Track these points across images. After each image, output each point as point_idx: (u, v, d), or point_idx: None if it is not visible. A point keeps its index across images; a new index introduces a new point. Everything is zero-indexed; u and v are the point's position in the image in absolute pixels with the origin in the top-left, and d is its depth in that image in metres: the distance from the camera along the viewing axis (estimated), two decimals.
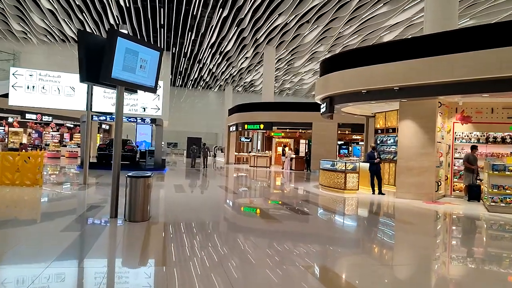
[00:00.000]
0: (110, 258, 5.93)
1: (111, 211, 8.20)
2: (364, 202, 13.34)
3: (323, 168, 16.52)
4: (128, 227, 7.58)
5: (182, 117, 56.91)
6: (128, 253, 6.01)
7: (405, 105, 13.85)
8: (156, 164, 22.48)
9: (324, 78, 16.09)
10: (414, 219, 10.38)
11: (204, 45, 36.08)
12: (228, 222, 9.08)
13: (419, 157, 13.49)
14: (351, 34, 31.52)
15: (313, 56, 37.84)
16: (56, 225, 7.62)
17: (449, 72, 11.74)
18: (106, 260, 5.81)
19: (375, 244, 7.57)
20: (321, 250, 6.76)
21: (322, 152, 26.14)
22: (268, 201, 12.62)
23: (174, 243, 6.55)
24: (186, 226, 7.94)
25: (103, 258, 5.87)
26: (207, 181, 18.97)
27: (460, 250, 7.55)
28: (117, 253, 6.11)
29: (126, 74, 8.02)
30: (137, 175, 7.98)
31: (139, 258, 5.76)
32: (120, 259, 5.85)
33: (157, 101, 23.04)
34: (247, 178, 21.56)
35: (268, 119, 28.41)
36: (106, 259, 5.84)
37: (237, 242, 6.89)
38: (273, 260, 5.76)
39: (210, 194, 14.26)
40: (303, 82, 49.36)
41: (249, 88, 56.42)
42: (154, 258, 5.97)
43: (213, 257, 5.78)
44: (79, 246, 6.36)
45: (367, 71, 13.87)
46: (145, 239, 6.83)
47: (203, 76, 49.11)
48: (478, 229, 9.81)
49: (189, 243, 6.55)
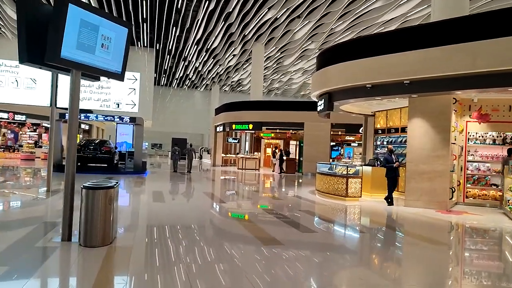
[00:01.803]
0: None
1: (63, 232, 6.28)
2: (371, 212, 11.62)
3: (320, 172, 14.76)
4: (82, 255, 5.68)
5: (167, 118, 54.73)
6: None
7: (415, 102, 12.15)
8: (136, 167, 20.50)
9: (323, 71, 14.32)
10: (440, 237, 8.65)
11: (190, 42, 34.09)
12: (215, 247, 7.23)
13: (431, 160, 11.80)
14: (343, 31, 29.86)
15: (303, 54, 36.13)
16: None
17: (470, 62, 10.06)
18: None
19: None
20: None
21: (314, 153, 24.47)
22: (263, 213, 10.77)
23: (139, 281, 4.70)
24: (161, 252, 6.06)
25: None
26: (191, 187, 17.04)
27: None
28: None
29: (82, 54, 6.12)
30: (95, 185, 6.08)
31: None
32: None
33: (133, 95, 20.89)
34: (236, 183, 19.69)
35: (257, 118, 26.58)
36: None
37: (226, 278, 5.06)
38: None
39: (194, 204, 12.36)
40: (292, 81, 47.63)
41: (236, 88, 54.51)
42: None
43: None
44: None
45: (373, 62, 12.15)
46: (100, 275, 4.93)
47: (188, 74, 47.05)
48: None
49: (163, 283, 4.70)
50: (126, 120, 21.12)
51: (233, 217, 9.64)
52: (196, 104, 57.28)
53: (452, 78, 10.57)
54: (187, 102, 56.74)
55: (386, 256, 6.86)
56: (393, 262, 6.57)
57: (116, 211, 6.48)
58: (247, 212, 10.56)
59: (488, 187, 12.81)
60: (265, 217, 9.80)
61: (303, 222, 9.38)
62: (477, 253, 7.36)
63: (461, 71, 10.26)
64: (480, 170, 12.93)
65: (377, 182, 14.50)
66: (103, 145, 21.50)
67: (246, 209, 11.26)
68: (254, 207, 11.85)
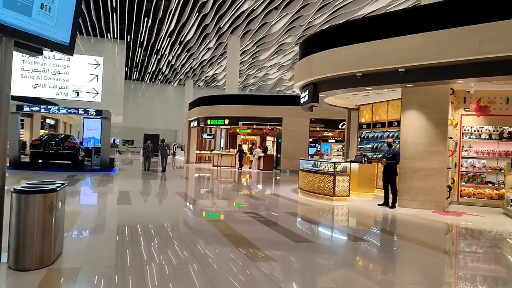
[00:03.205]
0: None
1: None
2: (365, 214, 10.40)
3: (304, 169, 13.47)
4: (10, 281, 4.16)
5: (139, 113, 52.57)
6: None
7: (410, 92, 10.98)
8: (103, 164, 18.74)
9: (307, 60, 13.00)
10: (453, 245, 7.48)
11: (162, 33, 32.29)
12: (187, 265, 5.77)
13: (428, 156, 10.66)
14: (322, 24, 28.71)
15: (280, 48, 34.87)
16: None
17: (475, 47, 8.92)
18: None
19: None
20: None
21: (292, 150, 23.22)
22: (246, 218, 9.36)
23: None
24: (120, 275, 4.59)
25: None
26: (163, 187, 15.47)
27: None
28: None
29: (13, 15, 4.57)
30: (30, 188, 4.56)
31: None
32: None
33: (95, 83, 18.93)
34: (212, 182, 18.21)
35: (234, 113, 25.10)
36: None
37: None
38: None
39: (165, 206, 10.84)
40: (267, 77, 46.32)
41: (211, 83, 52.80)
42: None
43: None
44: None
45: (364, 49, 10.90)
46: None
47: (161, 69, 45.10)
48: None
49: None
50: (92, 113, 19.32)
51: (211, 223, 8.20)
52: (169, 99, 55.30)
53: (454, 65, 9.40)
54: (160, 98, 54.72)
55: (406, 272, 5.59)
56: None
57: (61, 221, 4.97)
58: (227, 217, 9.15)
59: (483, 185, 11.80)
60: (248, 223, 8.39)
61: (292, 228, 8.04)
62: (493, 264, 6.17)
63: (465, 57, 9.11)
64: (476, 167, 11.91)
65: (364, 180, 13.36)
66: (67, 140, 19.61)
67: (225, 214, 9.85)
68: (235, 211, 10.45)
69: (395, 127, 14.11)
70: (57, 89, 18.53)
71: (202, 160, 31.35)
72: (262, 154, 24.95)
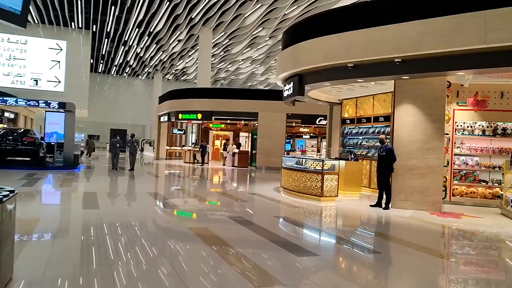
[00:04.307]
0: None
1: None
2: (359, 217, 9.56)
3: (287, 167, 12.51)
4: None
5: (105, 107, 50.30)
6: None
7: (404, 85, 10.14)
8: (67, 161, 17.19)
9: (293, 49, 11.98)
10: (461, 250, 6.65)
11: (131, 24, 30.57)
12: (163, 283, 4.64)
13: (423, 154, 9.88)
14: (297, 17, 27.80)
15: (253, 41, 33.79)
16: None
17: (481, 35, 8.15)
18: None
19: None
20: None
21: (268, 146, 22.28)
22: (234, 224, 8.26)
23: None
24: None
25: None
26: (133, 186, 14.16)
27: None
28: None
29: None
30: None
31: None
32: None
33: (56, 70, 17.15)
34: (187, 181, 16.98)
35: (207, 107, 23.83)
36: None
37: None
38: None
39: (137, 210, 9.61)
40: (239, 71, 45.13)
41: (180, 77, 51.09)
42: None
43: None
44: None
45: (357, 37, 9.97)
46: None
47: (129, 61, 43.12)
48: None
49: None
50: (55, 106, 17.70)
51: (194, 231, 7.07)
52: (137, 93, 53.26)
53: (456, 55, 8.61)
54: (127, 91, 52.61)
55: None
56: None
57: (8, 240, 3.77)
58: (209, 225, 8.05)
59: (476, 184, 11.18)
60: (238, 233, 7.33)
61: (289, 237, 7.05)
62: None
63: (469, 46, 8.33)
64: (468, 165, 11.26)
65: (350, 179, 12.52)
66: (26, 135, 17.89)
67: (206, 220, 8.75)
68: (217, 215, 9.37)
69: (382, 122, 13.39)
70: (12, 76, 16.63)
71: (172, 156, 29.93)
72: (236, 150, 23.86)
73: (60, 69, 16.79)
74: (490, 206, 10.69)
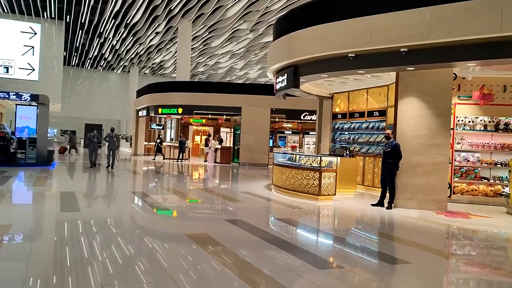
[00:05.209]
0: None
1: None
2: (364, 218, 8.85)
3: (279, 163, 11.71)
4: None
5: (79, 101, 48.40)
6: None
7: (408, 77, 9.46)
8: (40, 157, 15.94)
9: (288, 39, 11.14)
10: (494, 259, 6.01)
11: (106, 15, 29.07)
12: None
13: (428, 150, 9.25)
14: (279, 10, 27.01)
15: (234, 35, 32.79)
16: None
17: (497, 24, 7.53)
18: None
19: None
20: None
21: (252, 142, 21.46)
22: (235, 230, 7.35)
23: None
24: None
25: None
26: (114, 184, 13.10)
27: None
28: None
29: None
30: None
31: None
32: None
33: (30, 56, 15.73)
34: (170, 179, 15.95)
35: (188, 101, 22.74)
36: None
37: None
38: None
39: (122, 213, 8.66)
40: (218, 66, 44.02)
41: (158, 71, 49.55)
42: None
43: None
44: None
45: (359, 24, 9.23)
46: None
47: (104, 54, 41.37)
48: None
49: None
50: (27, 98, 16.37)
51: (194, 241, 6.18)
52: (112, 87, 51.47)
53: (470, 44, 7.99)
54: (101, 85, 50.76)
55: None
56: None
57: None
58: (212, 232, 7.18)
59: (477, 181, 10.66)
60: (244, 242, 6.47)
61: (295, 241, 6.26)
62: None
63: (483, 35, 7.71)
64: (469, 161, 10.73)
65: (346, 176, 11.78)
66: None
67: (205, 224, 7.89)
68: (217, 219, 8.51)
69: (376, 117, 12.77)
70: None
71: (150, 152, 28.66)
72: (219, 146, 22.93)
73: (34, 55, 15.35)
74: (491, 204, 10.18)
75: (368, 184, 12.81)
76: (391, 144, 9.23)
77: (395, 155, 9.14)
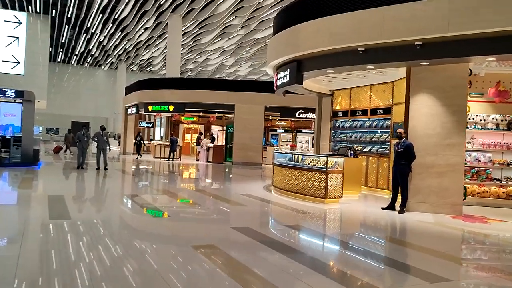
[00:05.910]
0: None
1: None
2: (378, 223, 8.20)
3: (280, 164, 11.04)
4: None
5: (64, 98, 47.05)
6: None
7: (422, 72, 8.86)
8: (25, 157, 15.04)
9: (291, 32, 10.44)
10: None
11: (93, 9, 28.08)
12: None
13: (442, 150, 8.67)
14: (272, 5, 26.36)
15: (225, 31, 32.07)
16: None
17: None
18: None
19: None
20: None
21: (246, 140, 20.76)
22: (242, 238, 6.68)
23: None
24: None
25: None
26: (104, 186, 12.29)
27: None
28: None
29: None
30: None
31: None
32: None
33: (14, 48, 14.69)
34: (164, 179, 15.12)
35: (179, 99, 21.92)
36: None
37: None
38: None
39: (115, 219, 7.90)
40: (208, 63, 43.18)
41: (146, 67, 48.46)
42: None
43: None
44: None
45: (370, 16, 8.59)
46: None
47: (91, 50, 40.19)
48: None
49: None
50: (11, 95, 15.43)
51: (204, 255, 5.47)
52: (99, 84, 50.20)
53: (489, 38, 7.41)
54: (88, 82, 49.47)
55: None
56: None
57: None
58: (221, 244, 6.47)
59: (489, 182, 10.14)
60: (264, 259, 5.79)
61: (311, 252, 5.60)
62: None
63: (504, 27, 7.13)
64: (481, 162, 10.20)
65: (350, 177, 11.09)
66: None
67: (214, 238, 7.18)
68: (221, 228, 7.80)
69: (381, 115, 12.17)
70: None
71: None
72: (211, 144, 22.18)
73: (19, 47, 14.32)
74: (504, 206, 9.68)
75: (372, 185, 12.23)
76: (404, 144, 8.63)
77: (408, 156, 8.54)
